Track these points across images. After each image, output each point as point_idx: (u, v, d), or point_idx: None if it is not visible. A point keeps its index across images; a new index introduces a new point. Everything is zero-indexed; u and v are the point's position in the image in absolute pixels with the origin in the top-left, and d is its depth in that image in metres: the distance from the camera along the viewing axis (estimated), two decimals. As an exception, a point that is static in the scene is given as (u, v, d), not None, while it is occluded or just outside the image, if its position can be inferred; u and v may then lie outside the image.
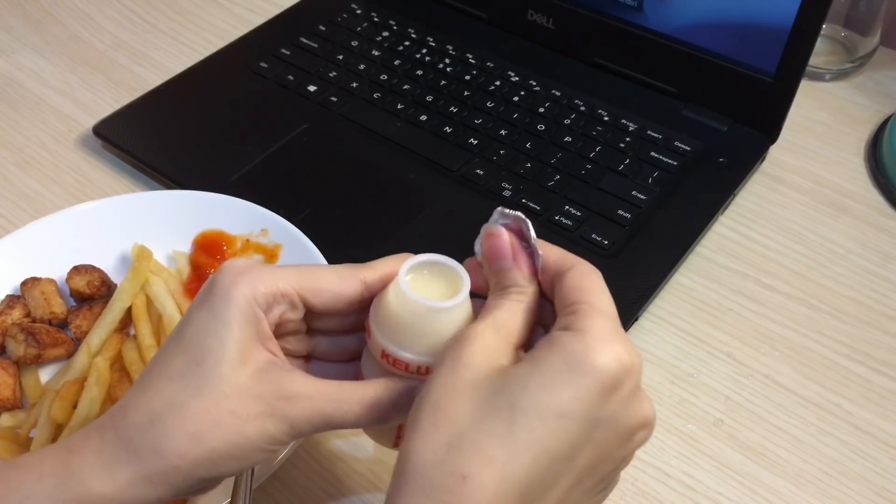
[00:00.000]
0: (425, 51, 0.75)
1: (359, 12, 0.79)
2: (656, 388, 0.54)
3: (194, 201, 0.58)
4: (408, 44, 0.76)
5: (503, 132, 0.67)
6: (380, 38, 0.76)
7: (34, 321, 0.54)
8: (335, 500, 0.49)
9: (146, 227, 0.57)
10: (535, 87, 0.71)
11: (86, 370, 0.50)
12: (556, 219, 0.60)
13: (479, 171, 0.64)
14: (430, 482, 0.30)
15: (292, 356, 0.40)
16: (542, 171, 0.64)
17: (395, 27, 0.77)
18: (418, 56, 0.74)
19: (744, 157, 0.65)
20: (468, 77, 0.72)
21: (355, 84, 0.72)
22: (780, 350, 0.56)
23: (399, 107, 0.69)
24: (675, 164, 0.64)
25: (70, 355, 0.53)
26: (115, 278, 0.57)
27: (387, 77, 0.72)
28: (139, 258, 0.55)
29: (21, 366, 0.52)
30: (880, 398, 0.53)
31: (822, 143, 0.70)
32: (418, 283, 0.37)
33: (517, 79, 0.72)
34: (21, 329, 0.52)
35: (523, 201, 0.62)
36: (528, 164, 0.64)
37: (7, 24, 0.82)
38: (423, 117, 0.68)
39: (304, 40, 0.76)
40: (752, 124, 0.67)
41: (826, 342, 0.56)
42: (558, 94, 0.70)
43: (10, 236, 0.56)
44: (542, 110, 0.69)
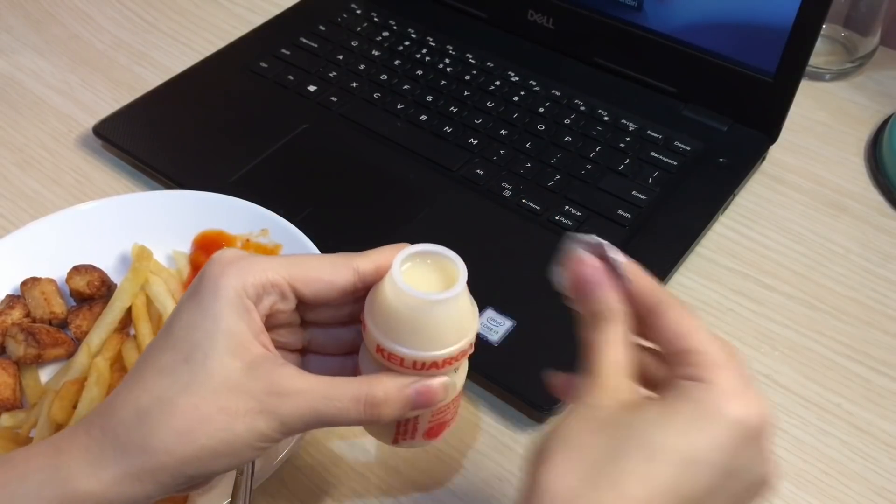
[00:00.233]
0: (425, 51, 0.75)
1: (359, 12, 0.79)
2: (656, 388, 0.54)
3: (194, 201, 0.58)
4: (408, 44, 0.76)
5: (503, 132, 0.67)
6: (380, 38, 0.76)
7: (34, 321, 0.54)
8: (335, 500, 0.49)
9: (146, 227, 0.57)
10: (535, 87, 0.71)
11: (86, 370, 0.50)
12: (556, 219, 0.60)
13: (479, 171, 0.64)
14: None
15: (286, 350, 0.39)
16: (542, 171, 0.64)
17: (395, 27, 0.77)
18: (418, 56, 0.74)
19: (744, 157, 0.66)
20: (468, 77, 0.72)
21: (355, 84, 0.72)
22: (780, 350, 0.56)
23: (399, 107, 0.69)
24: (675, 164, 0.64)
25: (70, 355, 0.53)
26: (115, 278, 0.57)
27: (387, 77, 0.72)
28: (139, 258, 0.55)
29: (21, 366, 0.52)
30: (880, 398, 0.53)
31: (822, 143, 0.70)
32: (414, 275, 0.36)
33: (517, 79, 0.72)
34: (21, 329, 0.52)
35: (523, 201, 0.62)
36: (529, 164, 0.64)
37: (7, 24, 0.82)
38: (423, 117, 0.68)
39: (304, 40, 0.76)
40: (752, 124, 0.67)
41: (826, 342, 0.56)
42: (558, 94, 0.70)
43: (10, 236, 0.56)
44: (542, 110, 0.69)
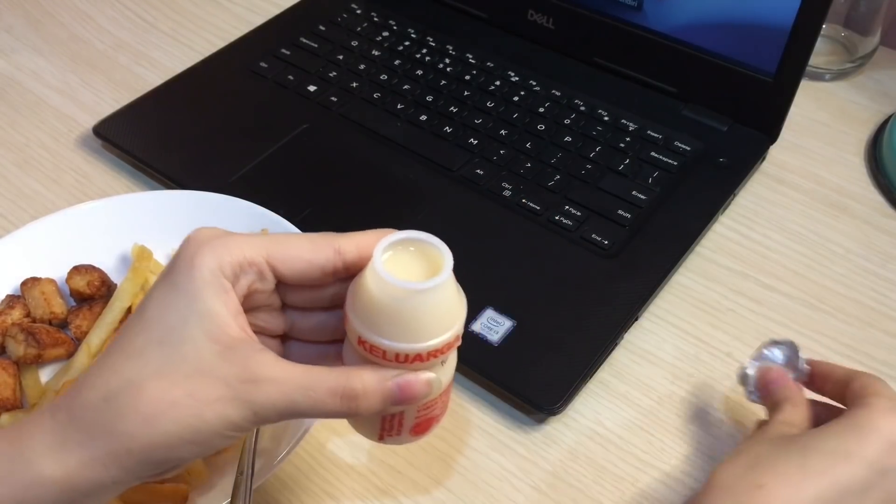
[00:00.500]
0: (425, 51, 0.75)
1: (359, 12, 0.79)
2: (656, 388, 0.54)
3: (194, 201, 0.58)
4: (408, 44, 0.76)
5: (503, 132, 0.67)
6: (380, 38, 0.76)
7: (34, 321, 0.54)
8: (335, 500, 0.49)
9: (146, 227, 0.57)
10: (535, 87, 0.71)
11: (86, 370, 0.50)
12: (557, 219, 0.60)
13: (479, 171, 0.64)
14: (731, 489, 0.38)
15: (266, 335, 0.37)
16: (542, 171, 0.64)
17: (395, 27, 0.77)
18: (418, 56, 0.74)
19: (744, 157, 0.66)
20: (468, 77, 0.72)
21: (355, 84, 0.72)
22: (780, 350, 0.56)
23: (399, 107, 0.69)
24: (675, 164, 0.64)
25: (70, 355, 0.53)
26: (115, 278, 0.57)
27: (387, 77, 0.72)
28: (139, 258, 0.55)
29: (21, 366, 0.52)
30: (880, 398, 0.53)
31: (822, 143, 0.70)
32: (396, 263, 0.34)
33: (517, 79, 0.72)
34: (21, 329, 0.52)
35: (523, 201, 0.62)
36: (529, 164, 0.64)
37: (7, 24, 0.82)
38: (423, 117, 0.68)
39: (304, 40, 0.76)
40: (752, 124, 0.67)
41: (826, 342, 0.56)
42: (558, 94, 0.70)
43: (10, 236, 0.56)
44: (542, 110, 0.69)
